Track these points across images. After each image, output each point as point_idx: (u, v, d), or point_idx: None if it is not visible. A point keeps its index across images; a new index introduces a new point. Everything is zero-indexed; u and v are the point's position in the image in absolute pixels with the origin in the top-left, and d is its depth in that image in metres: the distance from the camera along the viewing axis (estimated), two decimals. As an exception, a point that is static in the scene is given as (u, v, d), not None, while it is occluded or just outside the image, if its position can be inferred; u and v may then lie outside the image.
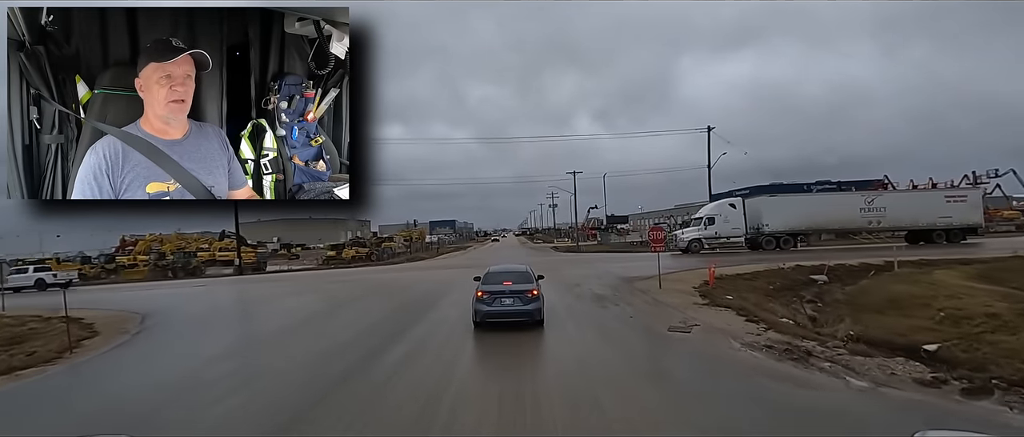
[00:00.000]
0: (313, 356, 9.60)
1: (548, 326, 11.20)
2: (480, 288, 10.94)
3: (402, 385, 7.41)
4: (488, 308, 10.65)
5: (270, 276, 37.64)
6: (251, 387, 7.92)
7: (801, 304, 16.27)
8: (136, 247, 57.33)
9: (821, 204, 33.20)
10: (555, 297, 14.97)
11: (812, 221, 32.56)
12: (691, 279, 19.53)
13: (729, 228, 32.87)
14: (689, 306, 13.50)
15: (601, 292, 16.36)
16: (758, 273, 21.60)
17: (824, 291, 18.18)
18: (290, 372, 8.61)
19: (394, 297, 17.92)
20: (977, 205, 32.86)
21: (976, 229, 32.82)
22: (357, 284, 23.76)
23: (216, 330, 14.06)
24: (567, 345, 9.68)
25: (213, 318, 16.05)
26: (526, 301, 10.65)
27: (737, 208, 33.01)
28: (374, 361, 8.81)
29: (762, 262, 23.85)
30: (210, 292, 24.31)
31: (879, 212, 32.04)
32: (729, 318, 11.89)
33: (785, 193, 35.77)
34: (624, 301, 14.48)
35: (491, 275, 11.41)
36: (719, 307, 13.30)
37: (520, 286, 10.87)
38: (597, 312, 12.99)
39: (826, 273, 22.09)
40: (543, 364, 8.69)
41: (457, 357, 9.02)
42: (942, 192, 34.75)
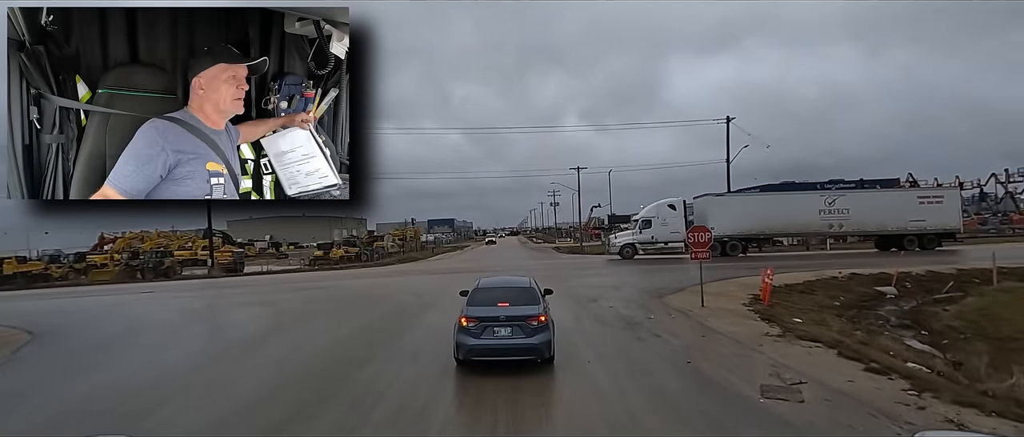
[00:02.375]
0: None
1: (564, 373, 7.39)
2: (466, 313, 7.57)
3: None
4: (475, 341, 7.37)
5: (240, 279, 33.75)
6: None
7: (889, 332, 12.33)
8: (114, 245, 54.27)
9: (775, 205, 29.56)
10: (567, 318, 11.09)
11: (765, 224, 29.09)
12: (732, 292, 15.65)
13: (667, 232, 29.84)
14: (757, 338, 9.56)
15: (628, 312, 12.40)
16: (810, 284, 17.71)
17: (917, 313, 14.19)
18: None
19: (358, 314, 13.95)
20: (954, 207, 28.95)
21: (954, 234, 29.16)
22: (324, 293, 19.80)
23: (85, 371, 10.11)
24: (600, 421, 5.78)
25: (108, 345, 12.01)
26: (529, 331, 7.37)
27: (677, 209, 30.10)
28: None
29: (802, 269, 19.85)
30: (141, 303, 20.31)
31: (841, 214, 28.34)
32: (833, 363, 7.94)
33: (739, 193, 32.59)
34: (664, 328, 10.52)
35: (481, 292, 8.17)
36: (802, 341, 9.34)
37: (521, 310, 7.52)
38: (633, 349, 9.02)
39: (895, 284, 18.20)
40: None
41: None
42: (915, 192, 31.07)
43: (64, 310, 17.92)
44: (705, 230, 13.26)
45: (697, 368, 7.67)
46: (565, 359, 8.08)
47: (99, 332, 13.03)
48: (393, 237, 59.71)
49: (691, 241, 13.27)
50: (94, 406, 7.10)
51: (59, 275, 42.61)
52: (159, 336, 12.17)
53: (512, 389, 6.77)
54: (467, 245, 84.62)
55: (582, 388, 6.87)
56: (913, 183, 60.63)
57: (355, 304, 16.06)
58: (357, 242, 55.20)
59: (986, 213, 53.33)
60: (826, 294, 16.45)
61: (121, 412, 6.72)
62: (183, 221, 62.37)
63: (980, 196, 59.90)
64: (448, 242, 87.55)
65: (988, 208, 54.52)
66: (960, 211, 29.68)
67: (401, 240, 60.44)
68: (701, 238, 13.08)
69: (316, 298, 18.03)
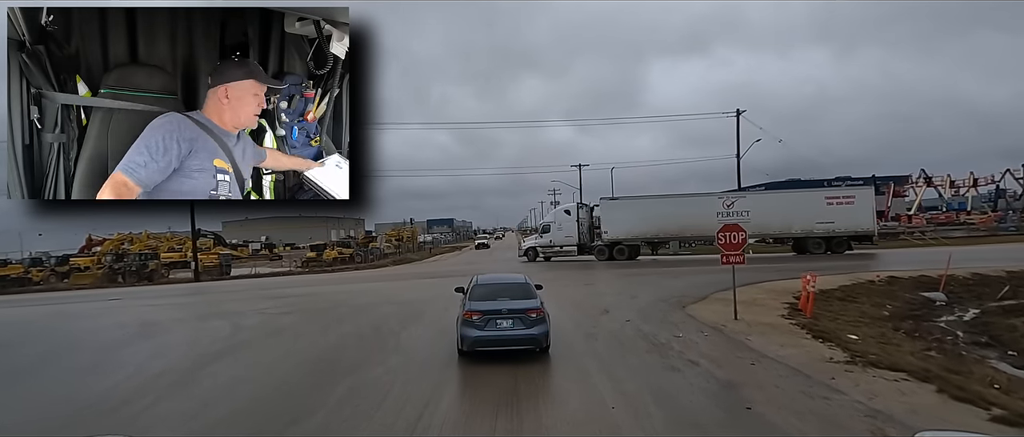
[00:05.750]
0: None
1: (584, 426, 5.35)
2: (469, 307, 8.24)
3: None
4: (480, 333, 8.03)
5: (223, 284, 31.72)
6: None
7: (966, 352, 10.26)
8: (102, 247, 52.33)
9: (671, 208, 28.75)
10: (578, 337, 9.13)
11: (660, 228, 28.84)
12: (763, 300, 13.62)
13: (562, 236, 30.83)
14: (821, 366, 7.50)
15: (649, 328, 10.33)
16: (848, 290, 15.66)
17: (986, 324, 12.12)
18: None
19: (327, 332, 11.82)
20: (867, 208, 26.98)
21: (870, 237, 27.50)
22: (300, 302, 17.71)
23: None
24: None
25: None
26: (529, 323, 8.10)
27: (571, 215, 31.13)
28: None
29: (834, 272, 17.76)
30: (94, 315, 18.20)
31: (741, 217, 26.59)
32: (940, 406, 5.88)
33: (638, 197, 31.56)
34: (700, 352, 8.44)
35: (481, 288, 8.86)
36: (879, 369, 7.28)
37: (520, 303, 8.30)
38: (667, 385, 6.93)
39: (943, 289, 16.15)
40: None
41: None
42: (822, 192, 28.96)
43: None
44: (738, 229, 11.18)
45: (763, 418, 5.60)
46: (581, 401, 6.08)
47: (10, 357, 10.93)
48: (388, 238, 57.55)
49: (721, 243, 11.20)
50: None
51: (40, 279, 40.91)
52: (80, 360, 10.09)
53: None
54: (466, 246, 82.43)
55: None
56: (928, 180, 58.67)
57: (330, 317, 13.97)
58: (352, 243, 53.20)
59: (1004, 210, 51.26)
60: (868, 301, 14.40)
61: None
62: (181, 222, 60.32)
63: (996, 192, 57.81)
64: (447, 242, 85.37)
65: (1008, 205, 52.35)
66: (874, 212, 27.72)
67: (397, 241, 58.31)
68: (734, 239, 11.02)
69: (289, 308, 15.95)
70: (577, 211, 31.34)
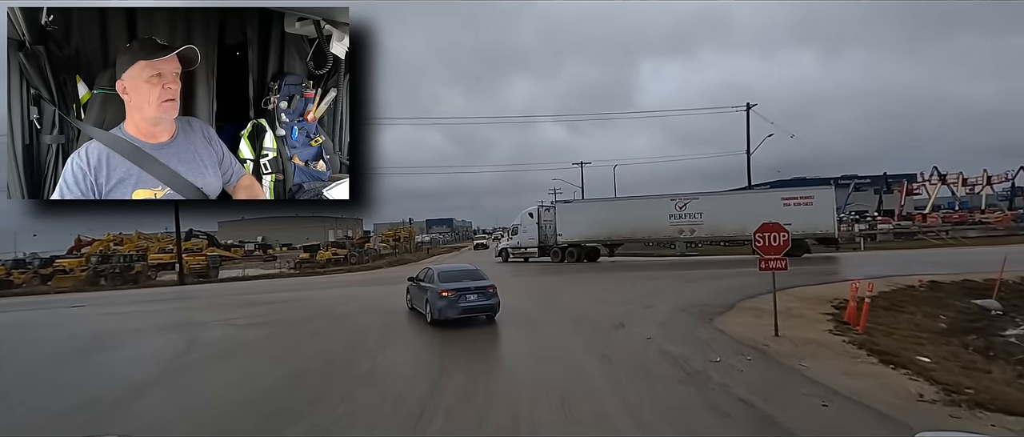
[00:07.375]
0: None
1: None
2: (443, 287, 10.92)
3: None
4: (455, 304, 10.70)
5: (207, 288, 30.01)
6: None
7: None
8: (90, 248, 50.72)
9: (623, 211, 28.76)
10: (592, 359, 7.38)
11: (614, 231, 28.64)
12: (800, 310, 11.91)
13: (526, 238, 31.61)
14: (910, 405, 5.76)
15: (678, 350, 8.53)
16: (891, 298, 13.86)
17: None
18: None
19: (299, 348, 10.08)
20: (827, 209, 25.15)
21: (834, 240, 26.02)
22: (278, 309, 15.95)
23: None
24: None
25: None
26: (488, 296, 11.07)
27: (533, 217, 31.46)
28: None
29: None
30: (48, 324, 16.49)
31: (693, 219, 26.67)
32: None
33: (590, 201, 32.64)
34: (747, 384, 6.66)
35: (447, 274, 11.60)
36: (987, 411, 5.54)
37: (480, 282, 11.24)
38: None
39: (996, 296, 14.38)
40: None
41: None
42: (779, 193, 27.28)
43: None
44: (780, 228, 9.42)
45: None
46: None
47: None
48: (385, 238, 55.78)
49: (759, 244, 9.44)
50: None
51: (22, 281, 39.46)
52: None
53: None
54: (465, 246, 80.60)
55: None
56: (942, 178, 56.77)
57: (303, 331, 12.18)
58: (347, 243, 51.49)
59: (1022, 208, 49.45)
60: (920, 312, 12.62)
61: None
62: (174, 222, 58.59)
63: (1012, 190, 55.97)
64: (445, 242, 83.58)
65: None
66: (834, 213, 25.82)
67: (394, 241, 56.51)
68: (774, 239, 9.26)
69: (260, 319, 14.18)
70: (538, 214, 31.51)
